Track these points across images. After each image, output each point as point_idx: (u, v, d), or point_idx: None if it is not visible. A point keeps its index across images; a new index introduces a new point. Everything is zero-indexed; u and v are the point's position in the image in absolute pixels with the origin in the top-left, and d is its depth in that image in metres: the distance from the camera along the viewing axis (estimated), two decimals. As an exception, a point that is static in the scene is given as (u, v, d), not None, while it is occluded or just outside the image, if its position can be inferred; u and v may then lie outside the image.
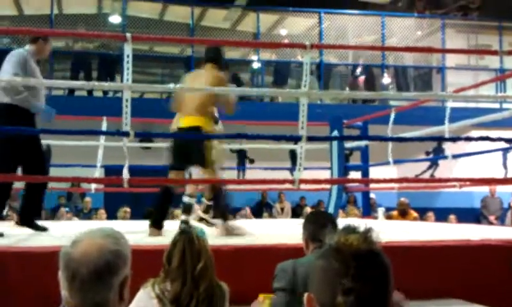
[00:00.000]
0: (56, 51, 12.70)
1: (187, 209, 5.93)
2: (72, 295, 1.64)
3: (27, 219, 5.34)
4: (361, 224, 1.42)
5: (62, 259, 1.66)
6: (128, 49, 4.57)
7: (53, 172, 10.98)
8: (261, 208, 12.56)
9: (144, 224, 5.57)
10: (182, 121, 5.40)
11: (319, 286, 1.34)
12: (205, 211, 6.47)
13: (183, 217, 5.95)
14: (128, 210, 10.03)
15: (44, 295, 1.85)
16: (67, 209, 11.08)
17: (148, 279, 2.82)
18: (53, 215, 10.72)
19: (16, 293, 3.45)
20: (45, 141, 9.52)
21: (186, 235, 2.86)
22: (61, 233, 5.07)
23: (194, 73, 5.86)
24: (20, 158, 5.12)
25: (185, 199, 6.03)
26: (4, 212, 10.37)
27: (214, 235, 5.03)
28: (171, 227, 3.92)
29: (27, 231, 5.27)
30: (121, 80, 6.44)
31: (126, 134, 4.49)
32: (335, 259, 1.31)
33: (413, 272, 3.95)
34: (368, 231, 1.38)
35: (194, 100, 5.34)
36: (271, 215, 12.21)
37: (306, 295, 1.36)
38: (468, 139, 6.40)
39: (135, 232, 5.29)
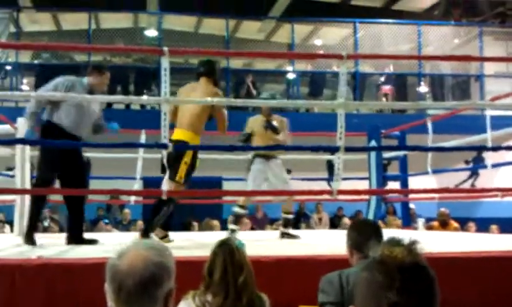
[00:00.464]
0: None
1: (237, 219, 6.11)
2: None
3: (76, 236, 5.34)
4: (405, 236, 1.41)
5: (109, 271, 1.69)
6: (165, 63, 4.62)
7: (93, 184, 11.20)
8: (299, 219, 12.52)
9: (182, 234, 5.65)
10: (174, 133, 5.43)
11: (363, 300, 1.33)
12: (285, 225, 6.55)
13: (232, 226, 6.09)
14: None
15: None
16: (106, 221, 11.22)
17: (188, 291, 2.83)
18: (92, 227, 10.86)
19: (60, 304, 3.50)
20: (85, 154, 9.76)
21: (226, 247, 2.87)
22: (104, 245, 5.14)
23: (189, 86, 5.81)
24: (58, 172, 5.22)
25: (236, 209, 6.17)
26: (46, 223, 10.60)
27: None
28: (210, 238, 3.93)
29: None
30: (159, 94, 6.50)
31: (164, 147, 4.54)
32: (379, 272, 1.30)
33: (455, 284, 3.89)
34: (413, 243, 1.36)
35: (185, 114, 5.42)
36: (308, 226, 12.16)
37: (350, 307, 1.36)
38: (509, 148, 6.30)
39: (175, 244, 5.35)
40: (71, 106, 5.22)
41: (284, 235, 6.47)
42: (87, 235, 5.58)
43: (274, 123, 6.46)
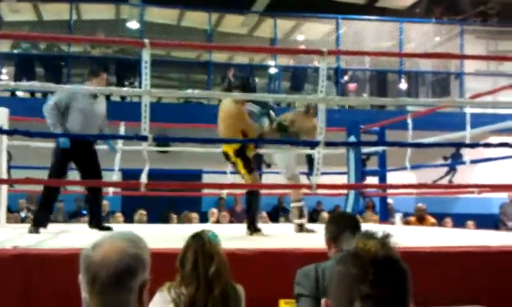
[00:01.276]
0: (74, 56, 12.84)
1: (301, 213, 6.31)
2: (92, 298, 1.66)
3: (97, 221, 5.95)
4: (379, 230, 1.42)
5: (83, 262, 1.69)
6: (146, 55, 4.60)
7: (71, 176, 11.13)
8: (277, 213, 12.55)
9: (161, 227, 5.64)
10: None
11: (336, 292, 1.33)
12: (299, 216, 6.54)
13: (296, 221, 6.34)
14: (144, 212, 10.08)
15: (64, 298, 1.87)
16: (84, 212, 11.15)
17: (164, 283, 2.83)
18: (71, 219, 10.81)
19: (37, 295, 3.48)
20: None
21: (199, 239, 2.87)
22: (81, 236, 5.12)
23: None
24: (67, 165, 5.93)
25: (294, 204, 6.23)
26: (23, 214, 10.52)
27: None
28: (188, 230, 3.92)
29: (44, 233, 5.32)
30: (140, 86, 6.47)
31: (145, 139, 4.53)
32: (353, 265, 1.31)
33: (430, 278, 3.93)
34: (386, 237, 1.38)
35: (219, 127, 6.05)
36: (287, 220, 12.18)
37: (323, 301, 1.36)
38: (487, 145, 6.35)
39: (152, 235, 5.33)
40: (76, 112, 5.71)
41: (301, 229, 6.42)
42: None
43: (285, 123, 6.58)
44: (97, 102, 6.10)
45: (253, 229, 5.84)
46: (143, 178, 4.58)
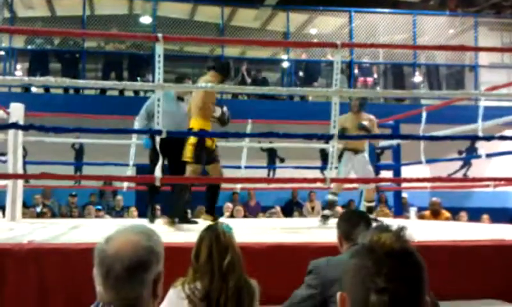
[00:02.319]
0: (88, 51, 12.88)
1: (331, 205, 6.56)
2: (106, 291, 1.67)
3: (183, 216, 6.16)
4: (394, 223, 1.41)
5: (97, 256, 1.70)
6: (159, 49, 4.61)
7: (85, 170, 11.19)
8: (291, 207, 12.54)
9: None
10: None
11: (351, 286, 1.32)
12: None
13: (326, 211, 6.57)
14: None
15: (79, 291, 1.88)
16: (99, 207, 11.21)
17: (177, 279, 2.83)
18: (82, 211, 10.86)
19: (52, 289, 3.51)
20: (78, 140, 9.75)
21: (212, 231, 2.87)
22: (95, 230, 5.14)
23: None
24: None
25: (329, 196, 6.54)
26: (39, 209, 10.60)
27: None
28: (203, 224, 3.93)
29: (59, 227, 5.35)
30: (153, 80, 6.49)
31: (159, 133, 4.54)
32: (367, 258, 1.30)
33: (445, 272, 3.91)
34: (401, 229, 1.36)
35: (191, 103, 6.16)
36: (301, 214, 12.18)
37: (339, 294, 1.35)
38: (502, 138, 6.30)
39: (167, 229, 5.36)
40: (164, 115, 5.72)
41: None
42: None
43: (365, 122, 6.72)
44: (183, 104, 6.58)
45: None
46: (157, 173, 4.59)
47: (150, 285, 1.70)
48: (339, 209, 11.64)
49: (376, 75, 14.23)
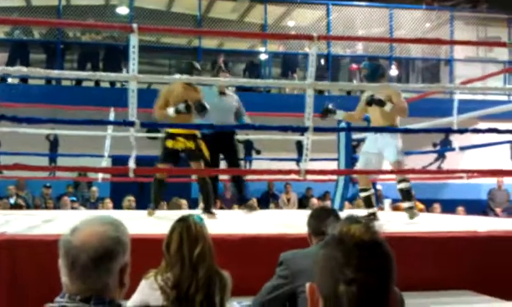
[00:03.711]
0: (64, 42, 12.74)
1: (368, 202, 6.22)
2: (72, 282, 1.66)
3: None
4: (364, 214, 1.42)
5: (62, 247, 1.69)
6: (134, 40, 4.58)
7: (60, 161, 11.08)
8: (267, 199, 12.57)
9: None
10: None
11: (320, 276, 1.33)
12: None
13: (370, 210, 6.16)
14: (132, 198, 10.08)
15: (51, 283, 1.87)
16: (74, 198, 11.13)
17: (149, 270, 2.83)
18: (56, 203, 10.78)
19: (24, 280, 3.48)
20: (52, 131, 9.66)
21: (183, 222, 2.88)
22: (68, 222, 5.10)
23: None
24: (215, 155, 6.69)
25: (362, 194, 6.29)
26: (12, 201, 10.49)
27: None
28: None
29: (33, 218, 5.31)
30: (128, 71, 6.47)
31: (132, 124, 4.51)
32: (337, 249, 1.31)
33: (418, 263, 3.95)
34: (370, 221, 1.37)
35: None
36: (277, 206, 12.21)
37: (308, 285, 1.36)
38: (476, 130, 6.37)
39: (141, 221, 5.34)
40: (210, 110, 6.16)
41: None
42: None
43: (378, 95, 6.07)
44: (226, 98, 6.91)
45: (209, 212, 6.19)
46: (131, 164, 4.57)
47: (117, 275, 1.70)
48: (315, 201, 11.72)
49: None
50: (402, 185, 6.10)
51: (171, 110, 5.95)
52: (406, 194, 6.15)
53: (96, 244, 1.66)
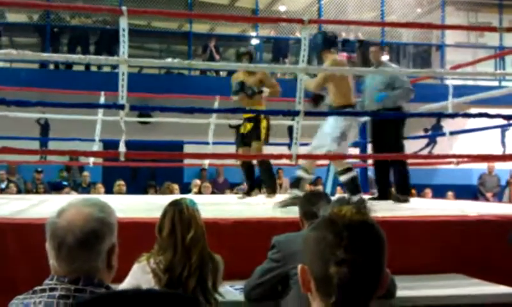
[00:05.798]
0: (55, 26, 12.63)
1: (299, 182, 5.84)
2: (59, 264, 1.66)
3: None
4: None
5: (48, 229, 1.68)
6: (123, 23, 4.53)
7: (51, 146, 11.03)
8: (259, 184, 12.56)
9: (143, 198, 5.62)
10: None
11: (312, 258, 1.33)
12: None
13: (294, 191, 5.74)
14: (123, 183, 10.06)
15: (40, 266, 1.87)
16: (65, 183, 11.10)
17: (142, 254, 2.82)
18: (53, 190, 10.75)
19: (14, 264, 3.47)
20: (43, 115, 9.60)
21: (176, 205, 2.86)
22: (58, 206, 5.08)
23: None
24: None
25: (300, 172, 5.86)
26: (3, 185, 10.45)
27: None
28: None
29: (23, 202, 5.28)
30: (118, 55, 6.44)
31: (121, 107, 4.48)
32: (328, 231, 1.30)
33: (409, 247, 3.96)
34: (361, 202, 1.38)
35: None
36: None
37: (299, 266, 1.36)
38: (467, 115, 6.39)
39: (132, 205, 5.33)
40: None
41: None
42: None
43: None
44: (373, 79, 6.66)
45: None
46: (121, 148, 4.54)
47: (104, 256, 1.69)
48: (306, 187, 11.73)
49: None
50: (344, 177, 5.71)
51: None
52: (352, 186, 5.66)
53: (82, 225, 1.65)
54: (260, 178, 7.38)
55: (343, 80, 5.71)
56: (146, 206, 5.53)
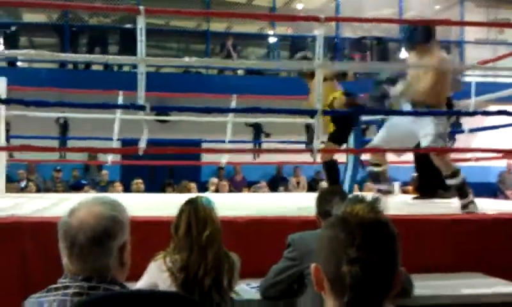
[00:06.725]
0: (74, 26, 12.73)
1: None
2: (72, 263, 1.68)
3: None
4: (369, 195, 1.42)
5: (60, 228, 1.71)
6: (141, 22, 4.55)
7: (70, 144, 11.12)
8: (277, 182, 12.58)
9: (160, 196, 5.65)
10: None
11: (324, 257, 1.33)
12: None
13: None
14: (141, 181, 10.11)
15: (58, 266, 1.89)
16: (84, 182, 11.19)
17: (158, 253, 2.83)
18: (72, 189, 10.84)
19: (33, 262, 3.50)
20: (62, 114, 9.68)
21: (192, 204, 2.86)
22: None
23: None
24: None
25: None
26: (23, 184, 10.56)
27: None
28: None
29: (42, 201, 5.33)
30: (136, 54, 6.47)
31: (141, 108, 4.50)
32: (340, 229, 1.31)
33: (427, 246, 3.94)
34: (375, 201, 1.37)
35: None
36: (286, 189, 12.22)
37: (312, 265, 1.36)
38: (486, 113, 6.33)
39: (149, 204, 5.36)
40: None
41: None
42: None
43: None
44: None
45: None
46: (142, 144, 4.56)
47: (116, 254, 1.71)
48: (324, 184, 11.68)
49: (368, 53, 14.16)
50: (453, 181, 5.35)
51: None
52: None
53: (93, 223, 1.67)
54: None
55: (447, 78, 5.35)
56: (164, 205, 5.55)
